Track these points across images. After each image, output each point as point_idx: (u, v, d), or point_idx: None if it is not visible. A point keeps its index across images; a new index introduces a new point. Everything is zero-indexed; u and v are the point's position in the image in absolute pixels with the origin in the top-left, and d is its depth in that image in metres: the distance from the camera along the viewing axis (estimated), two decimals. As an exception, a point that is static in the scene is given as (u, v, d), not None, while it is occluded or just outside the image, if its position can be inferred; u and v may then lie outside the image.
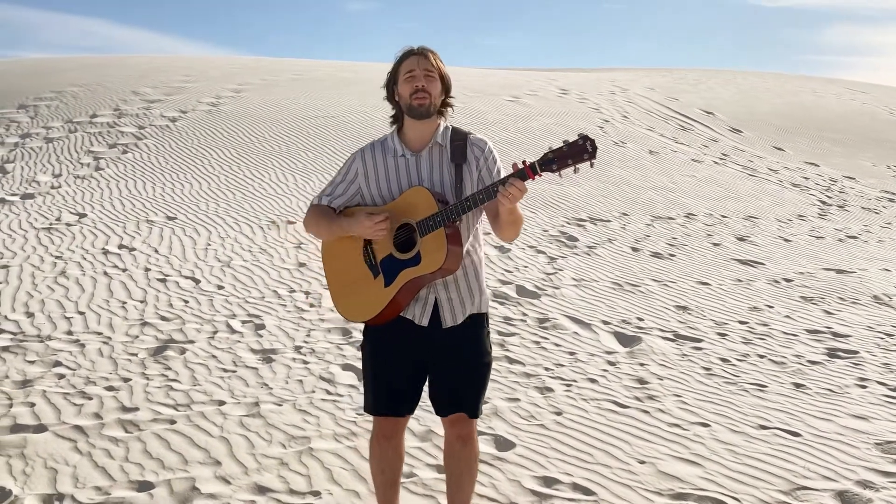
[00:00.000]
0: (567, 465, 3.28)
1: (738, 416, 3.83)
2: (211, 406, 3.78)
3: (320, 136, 10.96)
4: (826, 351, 4.94)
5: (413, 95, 2.33)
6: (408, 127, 2.41)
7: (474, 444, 2.53)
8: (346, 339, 4.77)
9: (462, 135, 2.43)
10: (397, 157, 2.41)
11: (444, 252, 2.28)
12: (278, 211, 7.88)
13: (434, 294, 2.38)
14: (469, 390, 2.44)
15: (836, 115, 19.02)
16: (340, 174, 2.50)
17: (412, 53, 2.38)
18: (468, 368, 2.43)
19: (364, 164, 2.44)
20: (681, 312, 5.66)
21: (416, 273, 2.31)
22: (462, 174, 2.38)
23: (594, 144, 2.18)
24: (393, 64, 2.41)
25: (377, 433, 2.56)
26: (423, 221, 2.29)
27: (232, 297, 5.49)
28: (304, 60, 19.69)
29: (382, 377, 2.47)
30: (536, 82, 17.27)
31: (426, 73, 2.34)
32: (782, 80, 25.43)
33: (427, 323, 2.38)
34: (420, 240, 2.30)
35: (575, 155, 2.18)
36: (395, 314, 2.38)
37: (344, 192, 2.48)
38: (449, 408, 2.46)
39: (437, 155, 2.40)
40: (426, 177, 2.38)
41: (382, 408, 2.50)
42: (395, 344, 2.43)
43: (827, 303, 6.13)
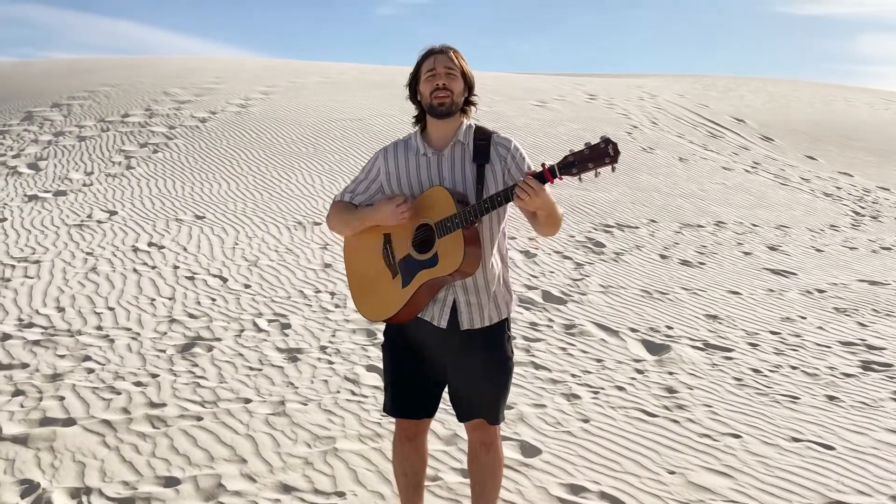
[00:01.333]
0: (595, 472, 3.23)
1: (770, 428, 3.76)
2: (237, 404, 3.79)
3: (347, 138, 11.00)
4: (860, 363, 4.83)
5: (433, 94, 2.30)
6: (430, 126, 2.39)
7: (498, 450, 2.49)
8: (370, 341, 4.75)
9: (486, 134, 2.40)
10: (419, 156, 2.39)
11: (461, 255, 2.24)
12: (305, 212, 7.90)
13: (453, 296, 2.34)
14: (488, 396, 2.40)
15: (869, 125, 18.70)
16: (363, 172, 2.49)
17: (433, 52, 2.35)
18: (487, 373, 2.39)
19: (386, 162, 2.43)
20: (711, 321, 5.58)
21: (433, 275, 2.28)
22: (484, 174, 2.34)
23: (616, 148, 2.11)
24: (415, 64, 2.39)
25: (399, 434, 2.55)
26: (441, 222, 2.27)
27: (259, 296, 5.50)
28: (333, 63, 19.79)
29: (400, 379, 2.45)
30: (564, 87, 17.19)
31: (447, 70, 2.31)
32: (813, 89, 25.08)
33: (446, 325, 2.35)
34: (438, 241, 2.27)
35: (596, 158, 2.12)
36: (413, 314, 2.36)
37: (366, 189, 2.47)
38: (469, 413, 2.43)
39: (460, 153, 2.37)
40: (447, 175, 2.35)
41: (400, 410, 2.48)
42: (414, 345, 2.41)
43: (861, 315, 6.00)
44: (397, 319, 2.38)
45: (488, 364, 2.39)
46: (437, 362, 2.41)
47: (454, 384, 2.42)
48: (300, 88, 14.16)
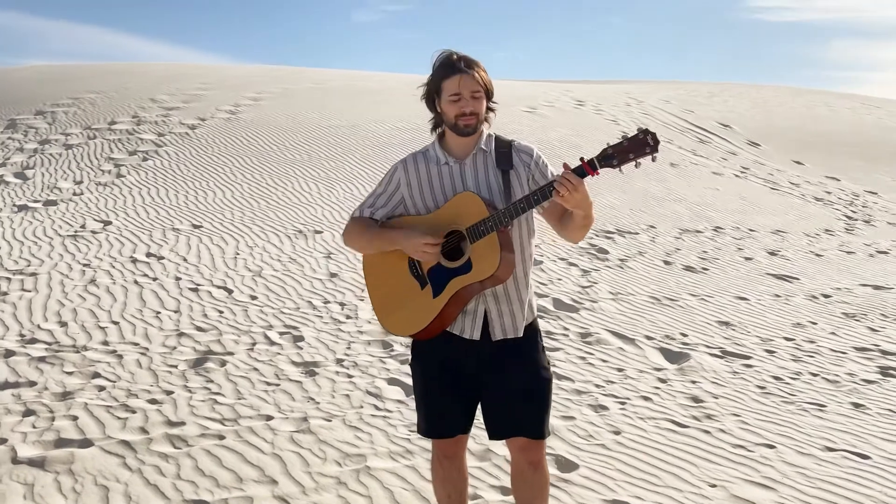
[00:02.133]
0: (635, 487, 3.15)
1: (802, 438, 3.71)
2: (259, 421, 3.67)
3: (341, 145, 10.88)
4: (878, 369, 4.81)
5: (460, 118, 2.23)
6: (450, 136, 2.32)
7: (545, 469, 2.39)
8: (387, 353, 4.65)
9: (506, 142, 2.35)
10: (440, 166, 2.32)
11: (498, 258, 2.17)
12: (304, 220, 7.78)
13: (483, 305, 2.27)
14: (529, 409, 2.30)
15: (852, 130, 18.92)
16: (382, 185, 2.40)
17: (457, 69, 2.22)
18: (526, 386, 2.29)
19: (406, 173, 2.35)
20: (724, 328, 5.54)
21: (467, 281, 2.21)
22: (510, 180, 2.28)
23: (656, 138, 2.09)
24: (433, 72, 2.27)
25: (438, 454, 2.45)
26: (473, 227, 2.19)
27: (266, 307, 5.38)
28: (323, 70, 19.65)
29: (434, 398, 2.36)
30: (552, 94, 17.20)
31: (473, 94, 2.23)
32: (795, 94, 25.35)
33: (479, 336, 2.27)
34: (470, 246, 2.21)
35: (636, 149, 2.09)
36: (442, 328, 2.28)
37: (386, 202, 2.39)
38: (509, 430, 2.31)
39: (482, 161, 2.31)
40: (471, 184, 2.29)
41: (435, 430, 2.39)
42: (446, 362, 2.32)
43: (870, 319, 6.00)
44: (427, 333, 2.29)
45: (526, 376, 2.30)
46: (470, 377, 2.32)
47: (491, 400, 2.32)
48: (290, 95, 14.01)
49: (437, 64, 2.28)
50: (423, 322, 2.27)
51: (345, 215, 7.99)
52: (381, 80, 18.06)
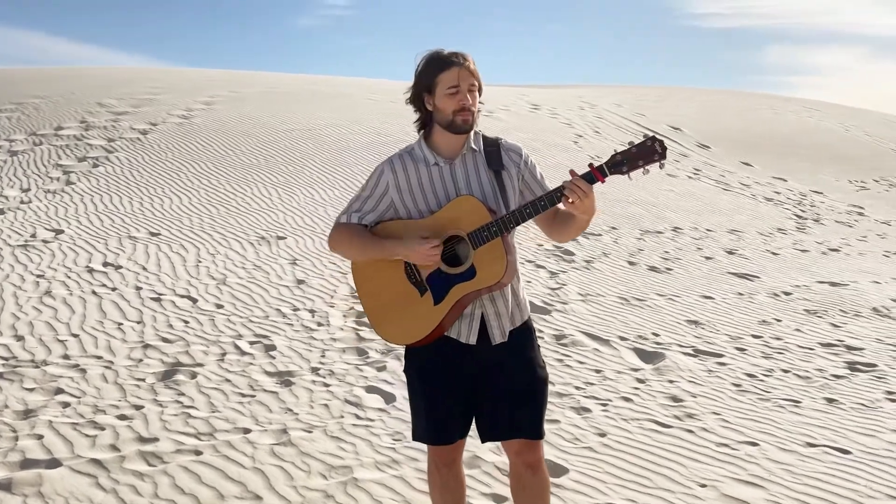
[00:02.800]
0: (628, 490, 3.13)
1: (783, 434, 3.75)
2: (236, 434, 3.53)
3: (299, 149, 10.70)
4: (846, 364, 4.92)
5: (458, 113, 2.16)
6: (439, 135, 2.25)
7: (544, 471, 2.33)
8: (363, 360, 4.55)
9: (493, 140, 2.30)
10: (430, 166, 2.25)
11: (504, 264, 2.14)
12: (266, 226, 7.61)
13: (480, 309, 2.22)
14: (527, 409, 2.24)
15: (796, 132, 19.49)
16: (368, 188, 2.30)
17: (453, 63, 2.17)
18: (524, 385, 2.24)
19: (395, 175, 2.25)
20: (694, 327, 5.59)
21: (470, 288, 2.15)
22: (503, 180, 2.24)
23: (663, 145, 2.10)
24: (424, 68, 2.20)
25: (435, 461, 2.37)
26: (476, 232, 2.14)
27: (234, 316, 5.22)
28: (274, 73, 19.36)
29: (436, 403, 2.28)
30: (507, 97, 17.28)
31: (471, 87, 2.18)
32: (739, 98, 26.00)
33: (475, 340, 2.22)
34: (473, 252, 2.15)
35: (645, 156, 2.10)
36: (440, 334, 2.22)
37: (374, 207, 2.29)
38: (508, 432, 2.25)
39: (472, 161, 2.25)
40: (463, 185, 2.23)
41: (438, 437, 2.31)
42: (443, 367, 2.25)
43: (831, 316, 6.14)
44: (426, 340, 2.23)
45: (523, 376, 2.25)
46: (468, 380, 2.26)
47: (487, 401, 2.25)
48: (243, 99, 13.74)
49: (427, 60, 2.21)
50: (424, 330, 2.20)
51: (308, 221, 7.85)
52: (333, 83, 17.88)
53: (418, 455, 3.38)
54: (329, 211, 8.29)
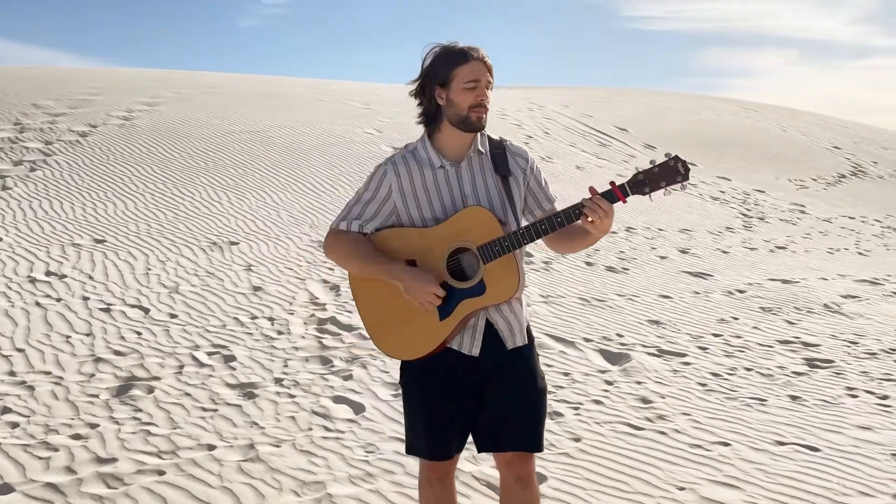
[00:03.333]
0: (607, 496, 3.10)
1: (752, 433, 3.77)
2: (200, 451, 3.37)
3: (247, 151, 10.44)
4: (805, 361, 5.01)
5: (473, 109, 2.07)
6: (447, 134, 2.13)
7: (535, 484, 2.25)
8: (328, 369, 4.42)
9: (498, 142, 2.21)
10: (435, 169, 2.14)
11: (517, 281, 2.06)
12: (217, 231, 7.37)
13: (485, 319, 2.14)
14: (528, 421, 2.17)
15: (736, 132, 19.99)
16: (369, 191, 2.17)
17: (471, 57, 2.08)
18: (525, 397, 2.17)
19: (398, 178, 2.14)
20: (655, 327, 5.63)
21: (480, 304, 2.07)
22: (510, 187, 2.15)
23: (686, 165, 2.05)
24: (439, 60, 2.10)
25: (429, 476, 2.27)
26: (486, 246, 2.05)
27: (189, 326, 5.02)
28: (218, 73, 18.89)
29: (432, 418, 2.19)
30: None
31: (488, 84, 2.10)
32: (680, 99, 26.57)
33: (478, 352, 2.14)
34: (483, 266, 2.05)
35: (668, 177, 2.04)
36: (443, 347, 2.13)
37: (376, 212, 2.16)
38: (508, 443, 2.17)
39: (479, 165, 2.16)
40: (470, 190, 2.14)
41: (434, 452, 2.22)
42: (443, 379, 2.16)
43: (785, 313, 6.27)
44: (428, 355, 2.14)
45: (525, 387, 2.18)
46: (467, 392, 2.17)
47: (488, 413, 2.17)
48: (187, 100, 13.35)
49: (443, 52, 2.10)
50: (428, 346, 2.11)
51: (260, 225, 7.65)
52: (279, 84, 17.55)
53: (393, 467, 3.28)
54: (282, 214, 8.10)
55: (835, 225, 11.87)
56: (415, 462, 3.30)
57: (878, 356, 5.19)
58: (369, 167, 10.32)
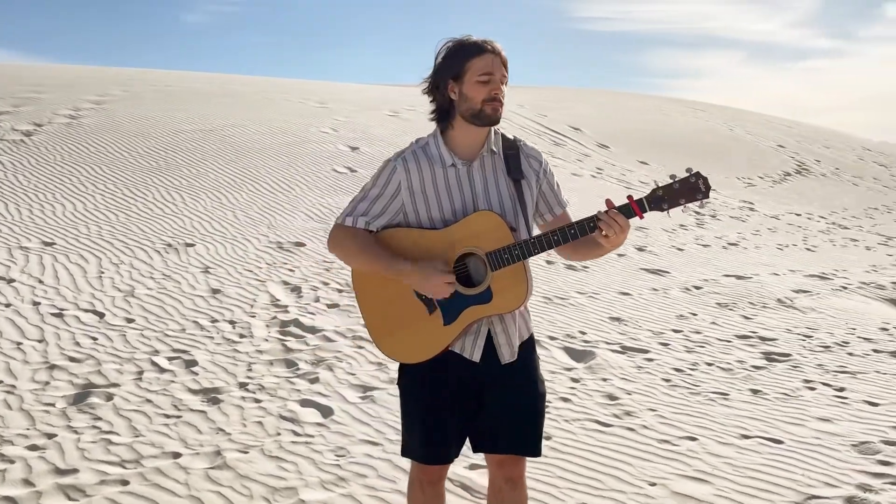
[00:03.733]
0: (582, 494, 3.11)
1: (718, 428, 3.84)
2: (165, 460, 3.27)
3: (200, 151, 10.22)
4: (762, 355, 5.12)
5: (488, 102, 2.02)
6: (460, 131, 2.09)
7: (524, 486, 2.26)
8: (293, 372, 4.35)
9: (512, 143, 2.16)
10: (446, 168, 2.09)
11: (525, 290, 2.03)
12: (171, 233, 7.19)
13: (487, 326, 2.11)
14: (529, 426, 2.17)
15: (686, 132, 20.40)
16: (378, 187, 2.11)
17: (486, 50, 2.03)
18: (526, 402, 2.16)
19: (408, 175, 2.09)
20: (617, 324, 5.69)
21: (485, 312, 2.03)
22: (522, 191, 2.11)
23: (707, 183, 2.00)
24: (452, 54, 2.05)
25: (421, 480, 2.25)
26: (495, 254, 2.00)
27: (147, 330, 4.88)
28: (169, 71, 18.45)
29: (431, 421, 2.15)
30: (412, 98, 17.19)
31: (503, 77, 2.05)
32: (631, 99, 27.01)
33: (479, 358, 2.11)
34: (491, 274, 2.01)
35: (687, 193, 2.00)
36: (444, 351, 2.11)
37: (384, 209, 2.11)
38: (507, 447, 2.16)
39: (491, 165, 2.11)
40: (481, 192, 2.09)
41: (431, 456, 2.19)
42: (443, 382, 2.13)
43: (741, 308, 6.41)
44: (431, 358, 2.11)
45: (526, 393, 2.16)
46: (467, 396, 2.14)
47: (488, 416, 2.15)
48: (136, 97, 13.01)
49: (456, 46, 2.05)
50: (431, 351, 2.07)
51: (217, 226, 7.49)
52: (231, 82, 17.25)
53: (365, 471, 3.24)
54: (238, 215, 7.95)
55: (782, 221, 12.20)
56: (386, 465, 3.28)
57: (832, 349, 5.34)
58: (326, 167, 10.22)
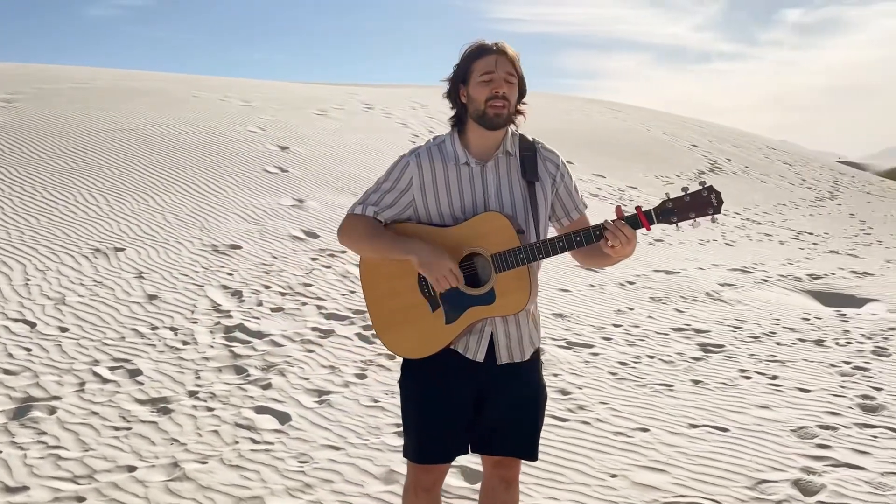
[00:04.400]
0: (547, 489, 3.18)
1: (667, 418, 3.99)
2: (120, 473, 3.16)
3: (123, 151, 9.83)
4: (699, 347, 5.34)
5: (489, 102, 2.01)
6: (473, 132, 2.09)
7: (517, 488, 2.29)
8: (244, 378, 4.26)
9: (530, 144, 2.15)
10: (460, 166, 2.09)
11: (528, 295, 2.03)
12: (99, 237, 6.90)
13: (491, 327, 2.10)
14: (528, 430, 2.19)
15: (607, 132, 20.97)
16: (390, 181, 2.12)
17: (490, 51, 2.04)
18: (527, 406, 2.18)
19: (420, 170, 2.09)
20: (561, 320, 5.82)
21: (487, 313, 2.04)
22: (535, 194, 2.10)
23: (720, 198, 1.96)
24: (462, 57, 2.07)
25: (416, 485, 2.22)
26: (501, 256, 2.00)
27: (84, 339, 4.67)
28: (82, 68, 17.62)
29: (432, 420, 2.15)
30: (339, 96, 17.03)
31: (507, 76, 2.04)
32: (553, 100, 27.55)
33: (482, 358, 2.11)
34: (495, 276, 2.01)
35: (698, 207, 1.96)
36: (445, 350, 2.11)
37: (394, 202, 2.11)
38: (505, 448, 2.18)
39: (506, 166, 2.10)
40: (493, 192, 2.08)
41: (425, 455, 2.18)
42: (445, 381, 2.12)
43: (674, 302, 6.66)
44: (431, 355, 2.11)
45: (527, 398, 2.18)
46: (468, 398, 2.14)
47: (489, 418, 2.15)
48: (51, 96, 12.38)
49: (464, 53, 2.06)
50: (431, 348, 2.07)
51: (146, 229, 7.23)
52: (148, 79, 16.65)
53: (331, 476, 3.21)
54: (168, 217, 7.69)
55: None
56: (352, 470, 3.26)
57: (761, 339, 5.62)
58: (256, 167, 10.01)
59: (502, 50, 2.05)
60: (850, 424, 3.92)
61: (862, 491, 3.18)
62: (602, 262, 2.14)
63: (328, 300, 5.74)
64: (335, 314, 5.43)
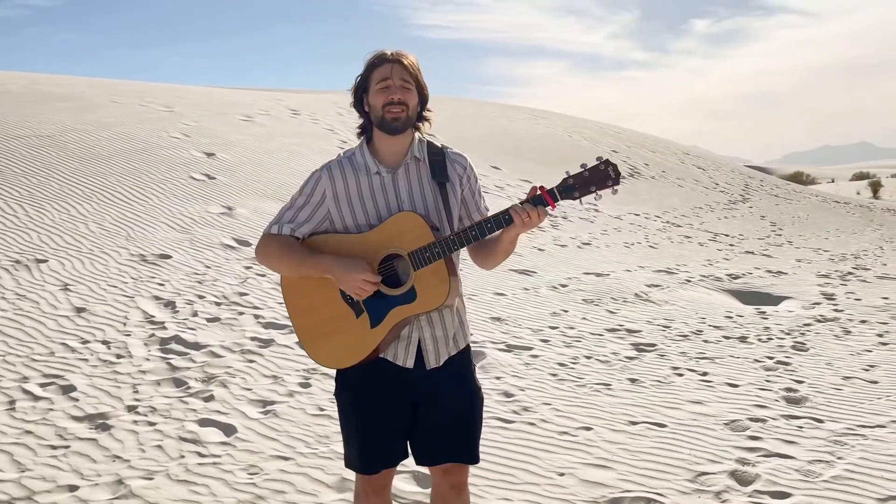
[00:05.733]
0: (500, 490, 3.24)
1: (608, 416, 4.12)
2: (62, 493, 3.04)
3: (41, 158, 9.41)
4: (632, 346, 5.53)
5: (386, 108, 2.07)
6: (379, 141, 2.15)
7: (467, 492, 2.34)
8: (184, 391, 4.16)
9: (438, 149, 2.23)
10: (371, 175, 2.14)
11: (447, 287, 2.07)
12: (18, 248, 6.60)
13: (418, 332, 2.14)
14: (465, 434, 2.23)
15: (531, 138, 21.37)
16: (304, 195, 2.16)
17: (386, 59, 2.11)
18: (462, 410, 2.21)
19: (332, 183, 2.13)
20: (499, 324, 5.92)
21: (410, 311, 2.07)
22: (447, 194, 2.17)
23: (617, 170, 2.03)
24: (363, 68, 2.14)
25: (366, 490, 2.25)
26: (417, 252, 2.05)
27: (10, 355, 4.47)
28: (-11, 70, 16.73)
29: (368, 430, 2.18)
30: (264, 102, 16.76)
31: (403, 83, 2.10)
32: (477, 106, 27.90)
33: (412, 364, 2.15)
34: (413, 273, 2.06)
35: (597, 181, 2.02)
36: (375, 356, 2.14)
37: (310, 216, 2.15)
38: (443, 456, 2.21)
39: (416, 171, 2.17)
40: (406, 198, 2.14)
41: (372, 465, 2.21)
42: (378, 391, 2.16)
43: (605, 303, 6.86)
44: (360, 364, 2.13)
45: (461, 401, 2.22)
46: (403, 404, 2.18)
47: (425, 427, 2.20)
48: (-45, 100, 11.74)
49: (365, 64, 2.12)
50: (359, 354, 2.08)
51: (69, 239, 6.95)
52: (58, 83, 15.97)
53: (283, 487, 3.18)
54: (91, 227, 7.42)
55: (625, 221, 13.11)
56: (304, 479, 3.25)
57: (690, 337, 5.86)
58: (182, 174, 9.75)
59: (397, 58, 2.11)
60: (778, 416, 4.14)
61: (793, 479, 3.37)
62: (495, 255, 2.17)
63: (265, 309, 5.66)
64: (273, 323, 5.37)
